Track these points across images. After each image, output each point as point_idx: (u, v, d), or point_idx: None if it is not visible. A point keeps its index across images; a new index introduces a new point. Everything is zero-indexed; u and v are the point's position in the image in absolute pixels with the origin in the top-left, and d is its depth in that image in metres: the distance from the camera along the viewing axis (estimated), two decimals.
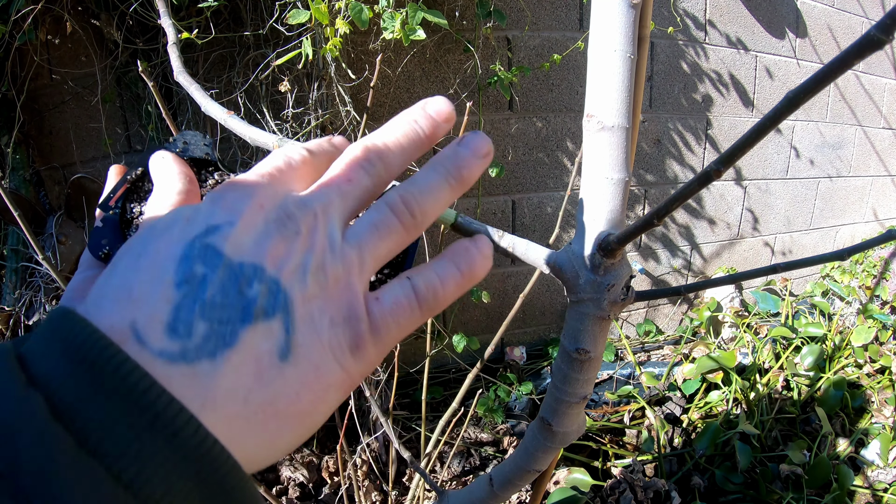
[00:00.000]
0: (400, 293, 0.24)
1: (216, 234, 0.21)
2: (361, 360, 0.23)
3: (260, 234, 0.22)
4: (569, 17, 1.65)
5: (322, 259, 0.23)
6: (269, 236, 0.22)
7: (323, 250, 0.23)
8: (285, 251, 0.22)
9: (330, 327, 0.22)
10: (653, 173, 1.93)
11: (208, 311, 0.19)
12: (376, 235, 0.24)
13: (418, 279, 0.25)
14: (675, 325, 2.18)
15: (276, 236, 0.22)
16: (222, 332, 0.19)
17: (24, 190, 1.32)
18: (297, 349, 0.21)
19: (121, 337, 0.18)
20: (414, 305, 0.24)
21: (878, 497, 1.37)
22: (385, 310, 0.24)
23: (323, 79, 1.29)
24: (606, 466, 1.49)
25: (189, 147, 0.38)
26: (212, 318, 0.19)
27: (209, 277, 0.20)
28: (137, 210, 0.35)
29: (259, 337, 0.20)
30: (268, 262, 0.21)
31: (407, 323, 0.24)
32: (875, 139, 2.45)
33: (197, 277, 0.20)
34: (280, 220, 0.22)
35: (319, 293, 0.22)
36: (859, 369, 1.80)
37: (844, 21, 2.19)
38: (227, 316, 0.20)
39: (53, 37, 1.26)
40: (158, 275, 0.20)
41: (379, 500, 1.33)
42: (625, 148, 0.43)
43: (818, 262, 0.36)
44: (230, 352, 0.19)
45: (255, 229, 0.22)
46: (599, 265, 0.41)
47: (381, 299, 0.24)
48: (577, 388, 0.46)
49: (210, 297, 0.20)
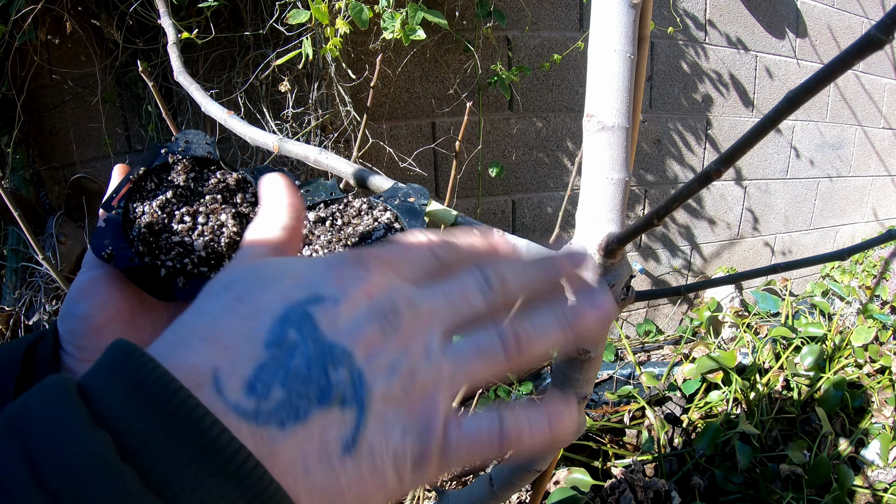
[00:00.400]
0: (484, 427, 0.23)
1: (318, 306, 0.21)
2: (420, 476, 0.22)
3: (360, 319, 0.22)
4: (569, 17, 1.65)
5: (414, 364, 0.22)
6: (369, 324, 0.22)
7: (418, 356, 0.22)
8: (380, 345, 0.22)
9: (401, 435, 0.21)
10: (653, 173, 1.93)
11: (290, 381, 0.19)
12: (478, 358, 0.24)
13: (509, 420, 0.23)
14: (675, 325, 2.18)
15: (375, 327, 0.22)
16: (297, 405, 0.19)
17: (24, 190, 1.32)
18: (361, 447, 0.20)
19: (200, 380, 0.18)
20: (494, 443, 0.23)
21: (878, 497, 1.37)
22: (462, 437, 0.23)
23: (323, 79, 1.29)
24: (606, 466, 1.49)
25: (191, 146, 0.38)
26: (291, 389, 0.19)
27: (299, 347, 0.20)
28: (140, 210, 0.35)
29: (330, 422, 0.20)
30: (359, 350, 0.21)
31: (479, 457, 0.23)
32: (875, 139, 2.45)
33: (288, 344, 0.20)
34: (384, 313, 0.22)
35: (401, 397, 0.22)
36: (859, 369, 1.80)
37: (844, 21, 2.19)
38: (306, 391, 0.20)
39: (53, 37, 1.26)
40: (253, 328, 0.20)
41: None
42: (625, 148, 0.43)
43: (818, 262, 0.36)
44: (299, 426, 0.19)
45: (357, 313, 0.22)
46: (600, 265, 0.41)
47: (462, 425, 0.23)
48: (577, 388, 0.46)
49: (295, 367, 0.20)
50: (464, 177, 1.62)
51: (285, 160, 1.35)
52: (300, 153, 0.52)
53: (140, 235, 0.33)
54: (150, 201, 0.35)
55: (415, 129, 1.56)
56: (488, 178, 1.63)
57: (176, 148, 0.37)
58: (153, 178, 0.36)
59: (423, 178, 1.57)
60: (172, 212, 0.35)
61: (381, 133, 1.50)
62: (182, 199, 0.36)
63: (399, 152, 1.49)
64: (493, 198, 1.70)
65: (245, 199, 0.37)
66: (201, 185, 0.37)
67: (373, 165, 1.47)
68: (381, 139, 1.47)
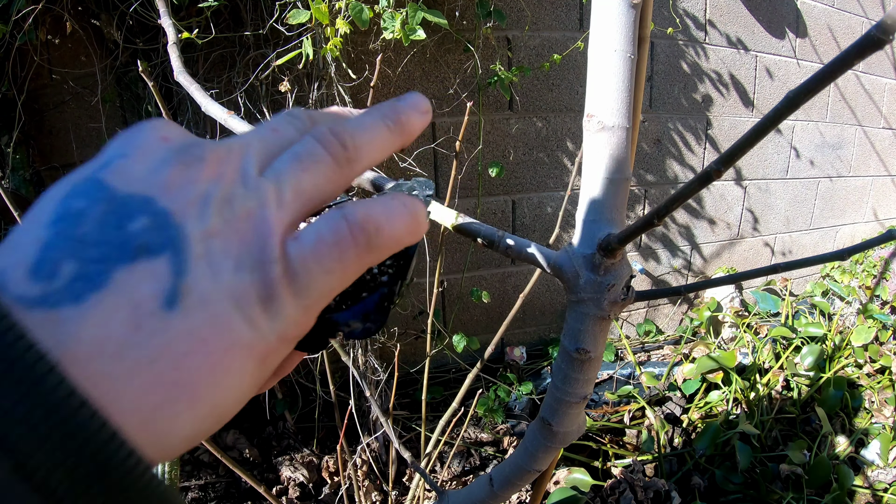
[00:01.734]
0: (325, 228, 0.19)
1: (106, 168, 0.18)
2: (277, 316, 0.19)
3: (157, 162, 0.18)
4: (569, 17, 1.65)
5: (230, 191, 0.19)
6: (167, 164, 0.18)
7: (232, 182, 0.19)
8: (184, 180, 0.18)
9: (234, 271, 0.18)
10: (653, 173, 1.93)
11: (80, 249, 0.16)
12: (298, 166, 0.20)
13: (355, 209, 0.20)
14: (675, 325, 2.18)
15: (175, 164, 0.18)
16: (92, 272, 0.16)
17: (24, 190, 1.32)
18: (188, 296, 0.17)
19: None
20: (346, 243, 0.19)
21: (878, 497, 1.37)
22: (305, 250, 0.19)
23: (323, 79, 1.29)
24: (606, 466, 1.49)
25: None
26: (82, 258, 0.16)
27: (87, 212, 0.17)
28: None
29: (138, 278, 0.16)
30: (160, 192, 0.18)
31: (337, 266, 0.19)
32: (875, 139, 2.45)
33: (73, 213, 0.17)
34: (184, 148, 0.19)
35: (223, 229, 0.18)
36: (859, 369, 1.80)
37: (844, 21, 2.19)
38: (100, 254, 0.16)
39: (53, 37, 1.26)
40: (39, 218, 0.17)
41: (379, 500, 1.33)
42: (625, 148, 0.43)
43: (818, 262, 0.36)
44: (99, 295, 0.16)
45: (152, 158, 0.18)
46: (600, 265, 0.41)
47: (300, 237, 0.19)
48: (577, 388, 0.46)
49: (83, 233, 0.16)
50: (464, 177, 1.62)
51: None
52: None
53: None
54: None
55: None
56: (488, 178, 1.63)
57: None
58: None
59: (423, 177, 1.57)
60: None
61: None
62: None
63: (399, 152, 1.49)
64: (493, 198, 1.70)
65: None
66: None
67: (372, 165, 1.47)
68: None
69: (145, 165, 0.18)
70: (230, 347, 0.18)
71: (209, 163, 0.19)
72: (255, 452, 1.43)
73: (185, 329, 0.17)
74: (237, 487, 1.37)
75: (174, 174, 0.18)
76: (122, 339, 0.16)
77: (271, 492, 0.90)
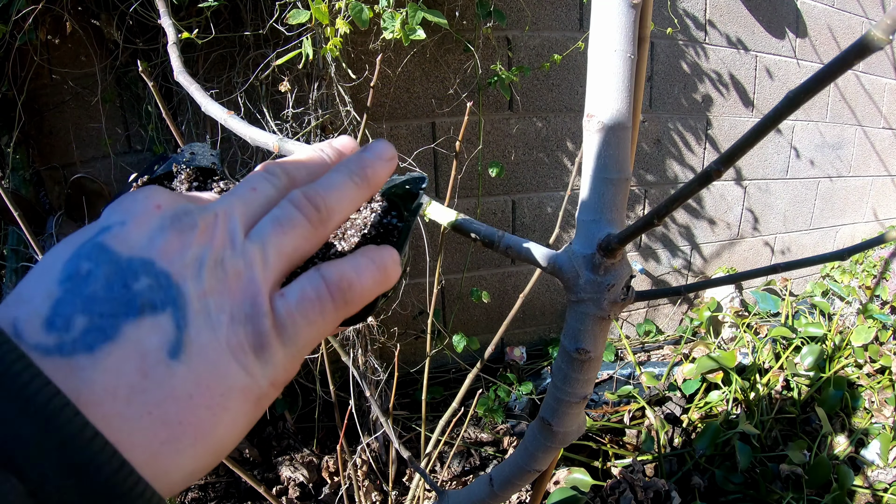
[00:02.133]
0: (308, 286, 0.23)
1: (106, 233, 0.20)
2: (268, 363, 0.21)
3: (154, 229, 0.21)
4: (569, 17, 1.65)
5: (221, 254, 0.21)
6: (164, 231, 0.21)
7: (222, 245, 0.22)
8: (180, 245, 0.21)
9: (229, 324, 0.20)
10: (653, 173, 1.93)
11: (90, 305, 0.18)
12: (279, 230, 0.23)
13: (330, 270, 0.23)
14: (675, 325, 2.18)
15: (171, 231, 0.21)
16: (103, 325, 0.18)
17: (24, 190, 1.32)
18: (190, 346, 0.19)
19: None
20: (325, 298, 0.23)
21: (878, 497, 1.37)
22: (291, 305, 0.22)
23: (323, 79, 1.29)
24: (606, 466, 1.49)
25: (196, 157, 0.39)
26: (92, 312, 0.18)
27: (94, 273, 0.19)
28: None
29: (146, 331, 0.19)
30: (159, 256, 0.20)
31: (319, 319, 0.23)
32: (875, 139, 2.45)
33: (81, 274, 0.19)
34: (177, 216, 0.21)
35: (218, 288, 0.21)
36: (859, 369, 1.80)
37: (844, 21, 2.19)
38: (109, 309, 0.19)
39: (53, 37, 1.26)
40: (48, 275, 0.19)
41: (379, 500, 1.33)
42: (625, 148, 0.43)
43: (818, 262, 0.36)
44: (111, 345, 0.18)
45: (149, 226, 0.21)
46: (599, 265, 0.41)
47: (286, 294, 0.22)
48: (577, 388, 0.46)
49: (92, 291, 0.19)
50: (464, 177, 1.62)
51: None
52: None
53: None
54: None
55: (415, 129, 1.56)
56: (488, 178, 1.63)
57: (181, 159, 0.38)
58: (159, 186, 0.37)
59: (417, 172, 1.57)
60: None
61: (381, 133, 1.50)
62: None
63: (399, 152, 1.49)
64: (493, 198, 1.70)
65: None
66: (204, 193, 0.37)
67: None
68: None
69: (143, 232, 0.21)
70: (228, 391, 0.20)
71: (200, 229, 0.21)
72: (254, 452, 1.43)
73: (189, 375, 0.19)
74: (237, 487, 1.37)
75: (170, 240, 0.21)
76: (132, 384, 0.18)
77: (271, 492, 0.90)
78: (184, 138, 1.02)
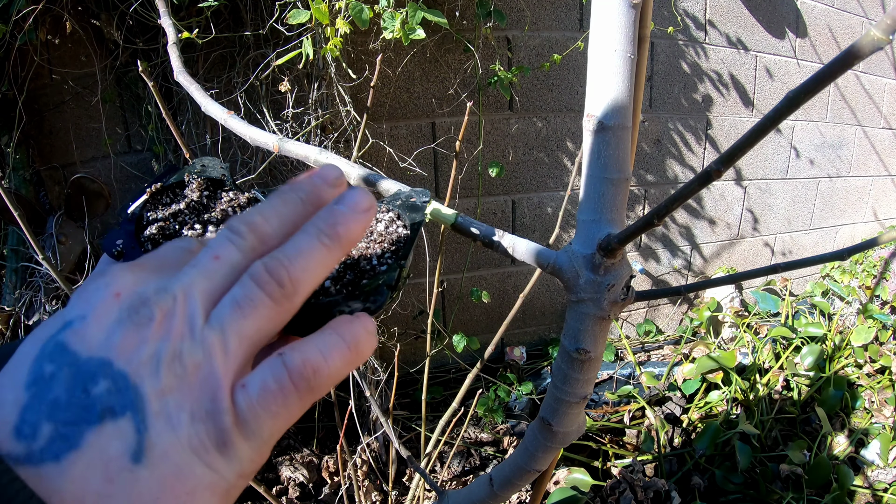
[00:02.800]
0: (269, 376, 0.22)
1: (68, 330, 0.20)
2: (233, 459, 0.21)
3: (111, 325, 0.21)
4: (569, 17, 1.65)
5: (179, 346, 0.21)
6: (121, 326, 0.21)
7: (180, 336, 0.21)
8: (137, 341, 0.20)
9: (189, 423, 0.20)
10: (653, 173, 1.93)
11: (54, 412, 0.19)
12: (239, 314, 0.22)
13: (293, 356, 0.22)
14: (675, 325, 2.18)
15: (128, 326, 0.21)
16: (67, 433, 0.19)
17: (24, 190, 1.32)
18: (151, 450, 0.19)
19: None
20: (288, 389, 0.22)
21: (878, 497, 1.37)
22: (252, 399, 0.21)
23: (323, 79, 1.29)
24: (606, 466, 1.49)
25: (207, 169, 0.41)
26: (57, 420, 0.19)
27: (56, 376, 0.19)
28: (153, 216, 0.37)
29: (107, 438, 0.19)
30: (117, 354, 0.20)
31: (283, 411, 0.22)
32: (875, 139, 2.45)
33: (45, 377, 0.19)
34: (134, 309, 0.21)
35: (176, 385, 0.20)
36: (859, 369, 1.80)
37: (844, 21, 2.19)
38: (72, 417, 0.19)
39: (53, 37, 1.26)
40: (16, 377, 0.20)
41: (379, 500, 1.33)
42: (625, 148, 0.43)
43: (818, 262, 0.36)
44: (76, 454, 0.18)
45: (107, 320, 0.21)
46: (599, 265, 0.41)
47: (247, 386, 0.21)
48: (577, 388, 0.46)
49: (54, 397, 0.19)
50: (464, 177, 1.62)
51: (286, 160, 1.35)
52: (300, 153, 0.52)
53: (150, 237, 0.35)
54: (164, 210, 0.37)
55: (415, 129, 1.56)
56: (488, 178, 1.63)
57: (193, 169, 0.40)
58: (169, 194, 0.39)
59: (423, 178, 1.57)
60: (184, 220, 0.37)
61: (381, 133, 1.50)
62: (194, 212, 0.38)
63: (399, 152, 1.49)
64: (493, 198, 1.70)
65: None
66: (214, 202, 0.39)
67: (373, 165, 1.47)
68: (381, 139, 1.47)
69: (102, 328, 0.21)
70: (193, 491, 0.20)
71: (157, 321, 0.21)
72: None
73: (153, 479, 0.19)
74: None
75: (127, 336, 0.20)
76: (98, 492, 0.18)
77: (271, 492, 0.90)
78: (184, 138, 1.02)
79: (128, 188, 1.39)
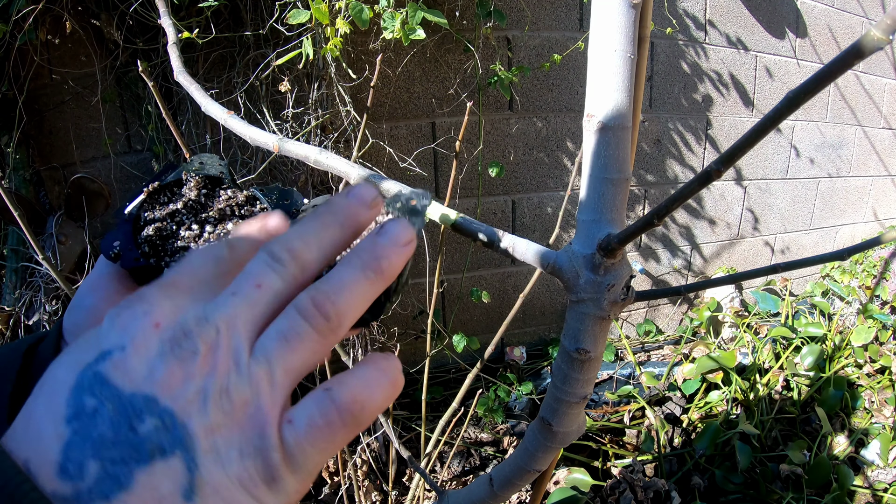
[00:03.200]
0: (316, 412, 0.22)
1: (107, 361, 0.20)
2: (280, 492, 0.21)
3: (153, 358, 0.20)
4: (569, 17, 1.65)
5: (226, 382, 0.21)
6: (164, 359, 0.20)
7: (227, 371, 0.21)
8: (182, 377, 0.20)
9: (239, 460, 0.20)
10: (653, 173, 1.93)
11: (100, 451, 0.19)
12: (286, 347, 0.22)
13: (341, 392, 0.22)
14: (675, 325, 2.18)
15: (171, 360, 0.20)
16: (116, 473, 0.18)
17: (24, 190, 1.32)
18: (203, 488, 0.19)
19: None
20: (335, 424, 0.22)
21: (878, 497, 1.37)
22: (300, 435, 0.21)
23: (323, 79, 1.29)
24: (606, 466, 1.49)
25: (205, 166, 0.40)
26: (104, 458, 0.18)
27: (99, 412, 0.19)
28: (150, 216, 0.37)
29: (159, 477, 0.19)
30: (161, 391, 0.20)
31: (329, 445, 0.22)
32: (875, 139, 2.45)
33: (87, 412, 0.19)
34: (176, 341, 0.21)
35: (224, 422, 0.20)
36: (859, 369, 1.80)
37: (844, 21, 2.19)
38: (120, 455, 0.19)
39: (53, 37, 1.26)
40: (53, 406, 0.19)
41: (379, 500, 1.33)
42: (625, 148, 0.43)
43: (818, 262, 0.36)
44: (126, 494, 0.18)
45: (147, 353, 0.20)
46: (599, 265, 0.41)
47: (293, 422, 0.21)
48: (577, 388, 0.46)
49: (100, 435, 0.19)
50: (464, 177, 1.62)
51: (285, 160, 1.35)
52: (300, 153, 0.52)
53: (147, 238, 0.35)
54: (161, 210, 0.37)
55: (415, 129, 1.56)
56: (488, 178, 1.63)
57: (191, 167, 0.39)
58: (166, 192, 0.38)
59: (423, 178, 1.57)
60: (181, 220, 0.37)
61: (381, 133, 1.50)
62: (192, 211, 0.37)
63: (399, 152, 1.49)
64: (493, 198, 1.70)
65: (253, 213, 0.39)
66: (211, 200, 0.38)
67: (373, 165, 1.48)
68: (381, 139, 1.47)
69: (143, 360, 0.20)
70: None
71: (202, 355, 0.21)
72: None
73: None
74: None
75: (172, 371, 0.20)
76: None
77: None
78: (184, 138, 1.02)
79: (128, 188, 1.39)
